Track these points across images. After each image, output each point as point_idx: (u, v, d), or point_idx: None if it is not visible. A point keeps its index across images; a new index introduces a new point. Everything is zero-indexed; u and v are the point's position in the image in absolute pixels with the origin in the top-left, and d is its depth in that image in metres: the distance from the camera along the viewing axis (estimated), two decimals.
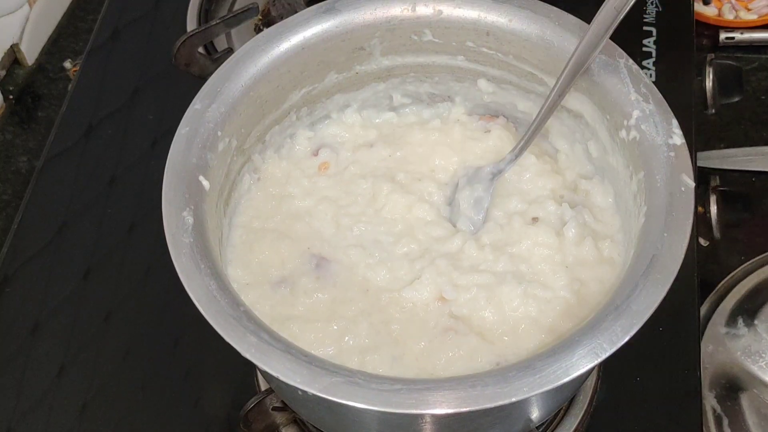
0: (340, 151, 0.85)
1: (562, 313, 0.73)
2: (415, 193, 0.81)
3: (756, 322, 0.96)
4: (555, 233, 0.77)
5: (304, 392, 0.60)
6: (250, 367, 0.87)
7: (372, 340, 0.72)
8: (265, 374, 0.80)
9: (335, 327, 0.73)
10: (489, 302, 0.74)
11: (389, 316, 0.74)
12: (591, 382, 0.85)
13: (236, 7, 1.15)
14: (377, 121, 0.87)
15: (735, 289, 0.99)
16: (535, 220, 0.79)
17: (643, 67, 1.04)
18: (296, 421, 0.83)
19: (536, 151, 0.82)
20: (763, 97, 1.23)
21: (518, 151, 0.79)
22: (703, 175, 1.03)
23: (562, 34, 0.76)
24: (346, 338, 0.72)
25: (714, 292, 1.00)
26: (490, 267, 0.76)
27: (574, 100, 0.79)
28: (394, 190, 0.81)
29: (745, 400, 0.91)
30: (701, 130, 1.15)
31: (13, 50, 1.24)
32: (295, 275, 0.76)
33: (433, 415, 0.63)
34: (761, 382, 0.92)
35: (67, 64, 1.25)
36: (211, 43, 1.09)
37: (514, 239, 0.77)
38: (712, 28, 1.31)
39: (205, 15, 1.15)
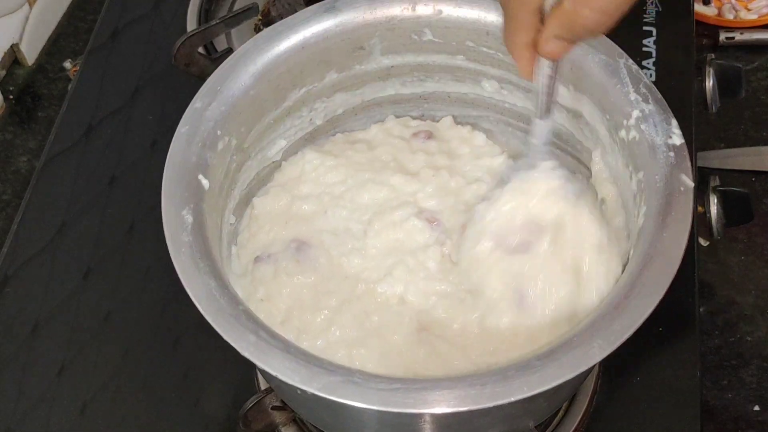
0: None
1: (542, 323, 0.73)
2: (387, 183, 0.82)
3: None
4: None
5: (303, 391, 0.60)
6: (249, 367, 0.87)
7: (357, 333, 0.73)
8: (264, 373, 0.81)
9: (321, 317, 0.73)
10: (454, 311, 0.74)
11: (367, 307, 0.75)
12: (591, 382, 0.85)
13: (236, 7, 1.15)
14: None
15: None
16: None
17: (643, 67, 1.04)
18: (295, 420, 0.83)
19: None
20: (763, 97, 1.23)
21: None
22: (703, 175, 1.03)
23: None
24: (333, 329, 0.73)
25: None
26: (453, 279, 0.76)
27: (574, 100, 0.79)
28: (370, 179, 0.81)
29: None
30: (701, 130, 1.15)
31: (13, 50, 1.24)
32: (279, 258, 0.78)
33: (431, 415, 0.63)
34: None
35: (67, 64, 1.25)
36: (211, 43, 1.09)
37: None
38: (712, 28, 1.31)
39: (205, 15, 1.15)
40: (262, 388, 0.86)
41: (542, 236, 0.73)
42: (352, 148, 0.85)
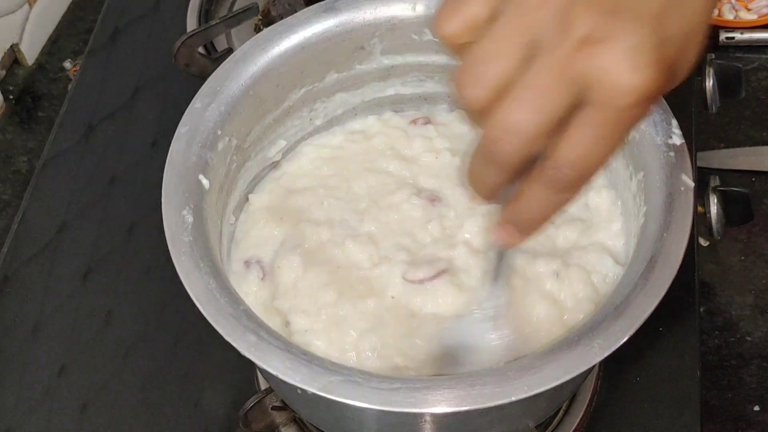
0: None
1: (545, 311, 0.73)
2: (384, 170, 0.82)
3: None
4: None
5: (304, 391, 0.60)
6: (249, 367, 0.87)
7: (354, 329, 0.73)
8: (264, 373, 0.80)
9: (322, 316, 0.73)
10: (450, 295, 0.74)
11: (364, 296, 0.74)
12: (591, 382, 0.85)
13: (236, 7, 1.15)
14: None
15: None
16: None
17: None
18: (296, 420, 0.83)
19: None
20: (763, 97, 1.23)
21: None
22: (703, 175, 1.03)
23: None
24: (331, 326, 0.73)
25: None
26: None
27: None
28: (366, 168, 0.82)
29: None
30: (701, 130, 1.15)
31: (13, 50, 1.24)
32: (277, 256, 0.77)
33: (432, 414, 0.64)
34: None
35: (67, 64, 1.25)
36: (211, 43, 1.09)
37: None
38: (712, 28, 1.31)
39: (205, 15, 1.15)
40: (262, 388, 0.86)
41: None
42: (348, 139, 0.85)
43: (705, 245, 1.06)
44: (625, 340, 0.61)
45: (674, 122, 0.72)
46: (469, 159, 0.53)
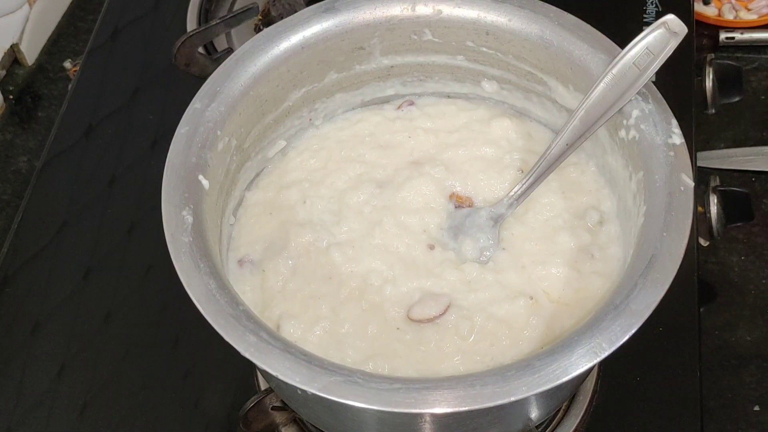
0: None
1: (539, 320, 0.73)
2: (361, 160, 0.82)
3: None
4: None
5: (304, 391, 0.60)
6: (249, 367, 0.87)
7: (338, 334, 0.73)
8: (264, 373, 0.81)
9: (306, 321, 0.73)
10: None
11: (349, 301, 0.74)
12: (591, 382, 0.85)
13: (236, 7, 1.15)
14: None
15: None
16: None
17: None
18: (296, 420, 0.84)
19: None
20: (763, 97, 1.23)
21: (518, 197, 0.77)
22: (703, 175, 1.04)
23: (562, 34, 0.77)
24: (317, 330, 0.73)
25: None
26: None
27: (573, 100, 0.79)
28: (345, 158, 0.82)
29: None
30: (701, 130, 1.15)
31: (13, 50, 1.24)
32: (266, 257, 0.77)
33: (432, 415, 0.64)
34: None
35: (67, 64, 1.26)
36: (211, 43, 1.09)
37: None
38: (712, 28, 1.31)
39: (205, 15, 1.15)
40: (262, 388, 0.86)
41: None
42: (335, 127, 0.85)
43: (705, 245, 1.06)
44: (625, 340, 0.61)
45: (674, 122, 0.72)
46: None
